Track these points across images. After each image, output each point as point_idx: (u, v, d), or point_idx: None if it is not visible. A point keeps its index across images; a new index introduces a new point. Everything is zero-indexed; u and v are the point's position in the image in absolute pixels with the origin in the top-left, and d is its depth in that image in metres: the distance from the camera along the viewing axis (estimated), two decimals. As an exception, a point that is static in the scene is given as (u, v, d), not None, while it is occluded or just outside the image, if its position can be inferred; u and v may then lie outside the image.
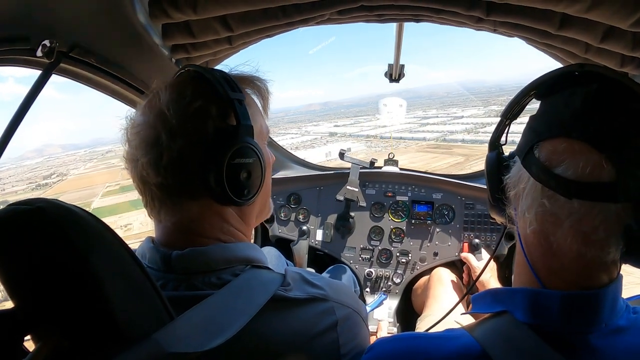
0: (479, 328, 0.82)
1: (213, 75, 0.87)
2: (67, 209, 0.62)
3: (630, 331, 0.75)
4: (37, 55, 1.11)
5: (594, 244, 0.70)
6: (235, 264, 0.87)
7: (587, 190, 0.68)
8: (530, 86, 0.86)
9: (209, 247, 0.85)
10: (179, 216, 0.86)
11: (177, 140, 0.81)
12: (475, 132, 55.20)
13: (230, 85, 0.87)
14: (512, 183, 0.84)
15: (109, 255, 0.64)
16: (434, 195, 2.68)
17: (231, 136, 0.84)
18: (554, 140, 0.73)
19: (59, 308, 0.61)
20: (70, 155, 74.45)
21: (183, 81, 0.90)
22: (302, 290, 0.88)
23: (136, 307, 0.66)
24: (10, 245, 0.60)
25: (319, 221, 2.78)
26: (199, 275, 0.83)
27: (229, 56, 1.64)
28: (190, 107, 0.83)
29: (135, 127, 0.86)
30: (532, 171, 0.75)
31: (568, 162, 0.69)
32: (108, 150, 62.95)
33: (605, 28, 1.19)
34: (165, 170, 0.81)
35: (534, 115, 0.82)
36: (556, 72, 0.82)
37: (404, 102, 2.83)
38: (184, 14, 1.25)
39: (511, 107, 0.92)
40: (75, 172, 50.60)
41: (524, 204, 0.78)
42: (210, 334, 0.70)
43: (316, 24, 1.46)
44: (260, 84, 1.01)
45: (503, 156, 0.92)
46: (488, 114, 58.76)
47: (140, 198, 0.89)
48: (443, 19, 1.39)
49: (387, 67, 2.31)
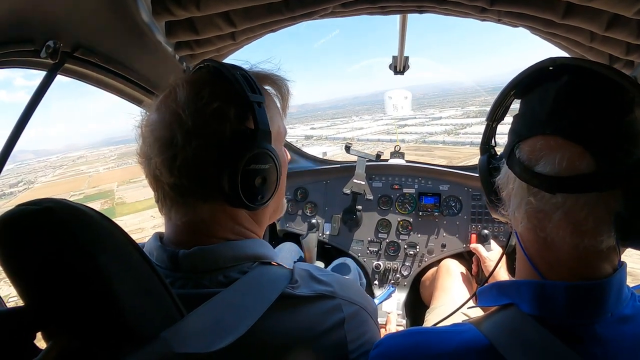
0: (485, 321, 0.82)
1: (233, 74, 0.84)
2: (75, 208, 0.62)
3: (636, 320, 0.75)
4: (41, 56, 1.12)
5: (585, 233, 0.70)
6: (243, 262, 0.86)
7: (568, 183, 0.69)
8: (508, 86, 0.86)
9: (217, 246, 0.84)
10: (190, 216, 0.85)
11: (192, 142, 0.79)
12: (456, 134, 54.45)
13: (250, 85, 0.85)
14: (502, 184, 0.85)
15: (118, 255, 0.64)
16: (440, 187, 2.67)
17: (248, 141, 0.82)
18: (532, 139, 0.75)
19: (68, 307, 0.62)
20: (41, 162, 73.17)
21: (201, 79, 0.88)
22: (309, 287, 0.88)
23: (146, 306, 0.66)
24: (19, 245, 0.60)
25: (326, 215, 2.78)
26: (206, 274, 0.82)
27: (233, 52, 1.64)
28: (207, 108, 0.81)
29: (150, 124, 0.85)
30: (515, 171, 0.77)
31: (545, 158, 0.71)
32: (79, 156, 62.11)
33: (610, 16, 1.18)
34: (179, 171, 0.80)
35: (515, 116, 0.83)
36: (530, 70, 0.82)
37: (409, 94, 2.82)
38: (187, 10, 1.25)
39: (495, 109, 0.91)
40: (43, 179, 49.81)
41: (513, 202, 0.80)
42: (219, 333, 0.70)
43: (320, 17, 1.45)
44: (281, 83, 0.99)
45: (493, 159, 0.93)
46: (467, 115, 57.96)
47: (153, 195, 0.89)
48: (447, 9, 1.38)
49: (392, 60, 2.30)
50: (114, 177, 48.69)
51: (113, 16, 1.23)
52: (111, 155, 65.35)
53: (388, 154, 2.86)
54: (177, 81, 0.87)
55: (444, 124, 53.27)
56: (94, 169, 55.54)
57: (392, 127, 54.89)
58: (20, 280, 0.62)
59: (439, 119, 55.86)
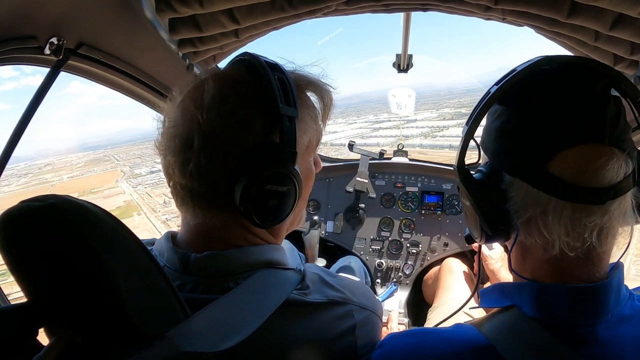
0: (487, 323, 0.82)
1: (269, 77, 0.78)
2: (79, 204, 0.62)
3: (636, 319, 0.75)
4: (45, 52, 1.12)
5: (592, 236, 0.70)
6: (255, 268, 0.82)
7: (618, 189, 0.68)
8: (495, 95, 0.77)
9: (229, 252, 0.81)
10: (201, 220, 0.81)
11: (209, 148, 0.75)
12: (433, 137, 53.39)
13: (286, 95, 0.78)
14: (521, 209, 0.76)
15: (122, 252, 0.64)
16: (443, 185, 2.67)
17: (269, 158, 0.76)
18: (566, 153, 0.70)
19: (71, 304, 0.61)
20: (7, 170, 71.93)
21: (232, 77, 0.83)
22: (321, 293, 0.86)
23: (150, 305, 0.65)
24: (23, 242, 0.60)
25: (329, 213, 2.78)
26: (217, 279, 0.79)
27: (236, 49, 1.64)
28: (231, 114, 0.76)
29: (172, 119, 0.80)
30: (553, 191, 0.70)
31: (593, 169, 0.68)
32: (47, 163, 60.63)
33: (615, 15, 1.17)
34: (191, 175, 0.76)
35: (517, 128, 0.75)
36: (524, 72, 0.75)
37: (413, 92, 2.81)
38: (191, 8, 1.25)
39: (476, 123, 0.80)
40: (7, 189, 48.46)
41: (551, 224, 0.71)
42: (225, 333, 0.69)
43: (323, 15, 1.45)
44: (325, 90, 0.92)
45: (487, 182, 0.81)
46: (442, 117, 56.82)
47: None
48: (451, 7, 1.37)
49: (395, 58, 2.29)
50: (77, 186, 47.16)
51: (116, 13, 1.23)
52: (79, 162, 63.87)
53: (391, 152, 2.86)
54: (208, 74, 0.82)
55: (419, 126, 52.20)
56: (59, 178, 54.13)
57: (366, 130, 53.88)
58: (24, 277, 0.62)
59: (414, 121, 55.06)
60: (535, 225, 0.74)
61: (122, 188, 39.41)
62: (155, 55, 1.48)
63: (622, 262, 0.78)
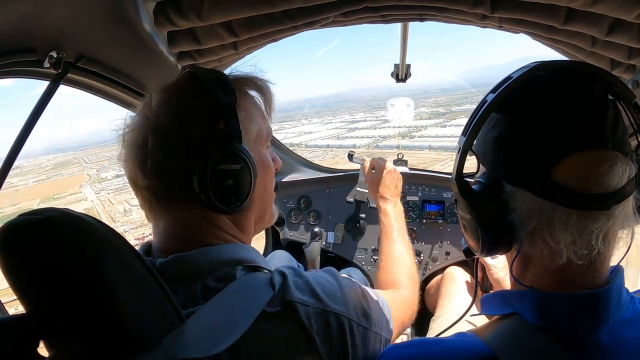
0: (489, 331, 0.81)
1: (206, 77, 0.86)
2: (77, 217, 0.63)
3: (637, 323, 0.74)
4: (44, 66, 1.12)
5: (597, 242, 0.70)
6: (220, 267, 0.84)
7: (622, 193, 0.68)
8: (492, 103, 0.75)
9: (192, 252, 0.83)
10: (170, 222, 0.87)
11: (162, 143, 0.82)
12: (411, 137, 52.07)
13: (223, 87, 0.86)
14: (525, 219, 0.74)
15: (120, 263, 0.64)
16: (444, 194, 2.66)
17: (216, 141, 0.82)
18: (569, 159, 0.69)
19: (71, 316, 0.62)
20: None
21: (175, 84, 0.90)
22: (303, 296, 0.84)
23: (149, 314, 0.66)
24: (22, 255, 0.60)
25: (330, 223, 2.77)
26: (183, 283, 0.80)
27: (235, 61, 1.65)
28: (176, 110, 0.83)
29: (130, 125, 0.88)
30: (559, 199, 0.69)
31: (596, 175, 0.67)
32: (16, 166, 60.14)
33: (611, 21, 1.18)
34: (151, 173, 0.82)
35: (518, 137, 0.74)
36: (521, 79, 0.74)
37: (412, 102, 2.82)
38: (189, 21, 1.26)
39: (475, 133, 0.77)
40: None
41: (557, 233, 0.70)
42: (217, 337, 0.70)
43: (321, 27, 1.46)
44: (262, 83, 1.00)
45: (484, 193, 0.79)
46: (419, 117, 56.11)
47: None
48: (448, 17, 1.38)
49: (393, 67, 2.30)
50: (41, 191, 45.63)
51: (115, 26, 1.24)
52: (47, 165, 62.71)
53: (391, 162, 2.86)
54: (157, 86, 0.89)
55: (396, 126, 50.73)
56: (25, 182, 53.05)
57: (342, 131, 53.14)
58: (23, 289, 0.62)
59: (390, 121, 54.17)
60: (540, 235, 0.73)
61: (84, 194, 38.96)
62: (154, 68, 1.48)
63: (621, 265, 0.77)
